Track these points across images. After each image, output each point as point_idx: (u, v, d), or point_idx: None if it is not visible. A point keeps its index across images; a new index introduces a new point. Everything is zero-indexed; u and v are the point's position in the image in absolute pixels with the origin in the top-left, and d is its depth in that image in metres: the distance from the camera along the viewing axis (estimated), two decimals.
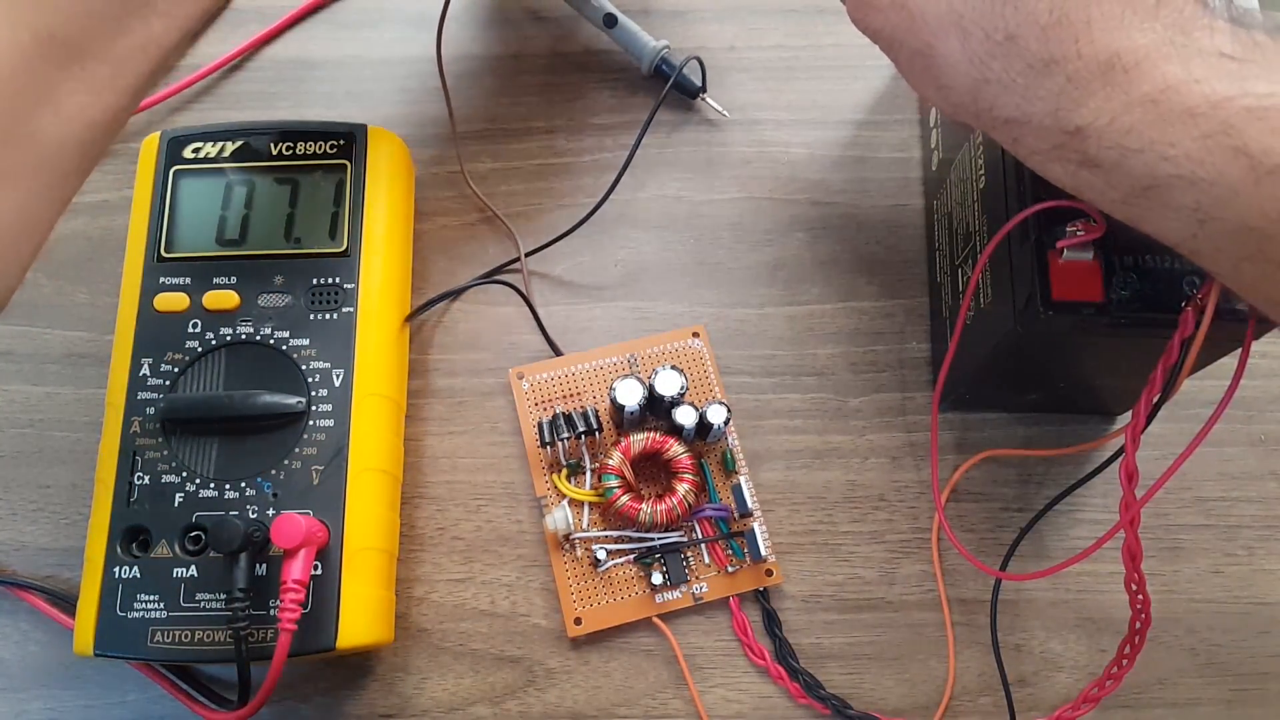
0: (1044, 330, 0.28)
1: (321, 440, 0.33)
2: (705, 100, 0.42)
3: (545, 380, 0.37)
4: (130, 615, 0.31)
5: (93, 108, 0.25)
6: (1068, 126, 0.23)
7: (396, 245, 0.37)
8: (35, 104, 0.24)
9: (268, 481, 0.33)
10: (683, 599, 0.35)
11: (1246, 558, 0.36)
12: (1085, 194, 0.24)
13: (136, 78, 0.26)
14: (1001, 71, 0.24)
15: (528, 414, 0.37)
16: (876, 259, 0.40)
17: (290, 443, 0.33)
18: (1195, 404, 0.36)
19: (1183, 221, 0.22)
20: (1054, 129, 0.23)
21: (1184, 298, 0.27)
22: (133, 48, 0.26)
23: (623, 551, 0.35)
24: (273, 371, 0.34)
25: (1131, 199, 0.22)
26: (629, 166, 0.39)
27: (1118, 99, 0.22)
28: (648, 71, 0.42)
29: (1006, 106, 0.24)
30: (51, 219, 0.26)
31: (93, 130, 0.25)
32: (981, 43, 0.24)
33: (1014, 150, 0.25)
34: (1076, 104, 0.22)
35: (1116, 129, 0.22)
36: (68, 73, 0.24)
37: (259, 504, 0.32)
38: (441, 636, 0.35)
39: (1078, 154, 0.23)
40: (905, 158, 0.42)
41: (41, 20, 0.24)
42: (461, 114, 0.43)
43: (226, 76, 0.44)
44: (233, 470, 0.33)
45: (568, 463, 0.36)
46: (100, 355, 0.37)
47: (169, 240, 0.36)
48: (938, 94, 0.27)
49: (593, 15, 0.43)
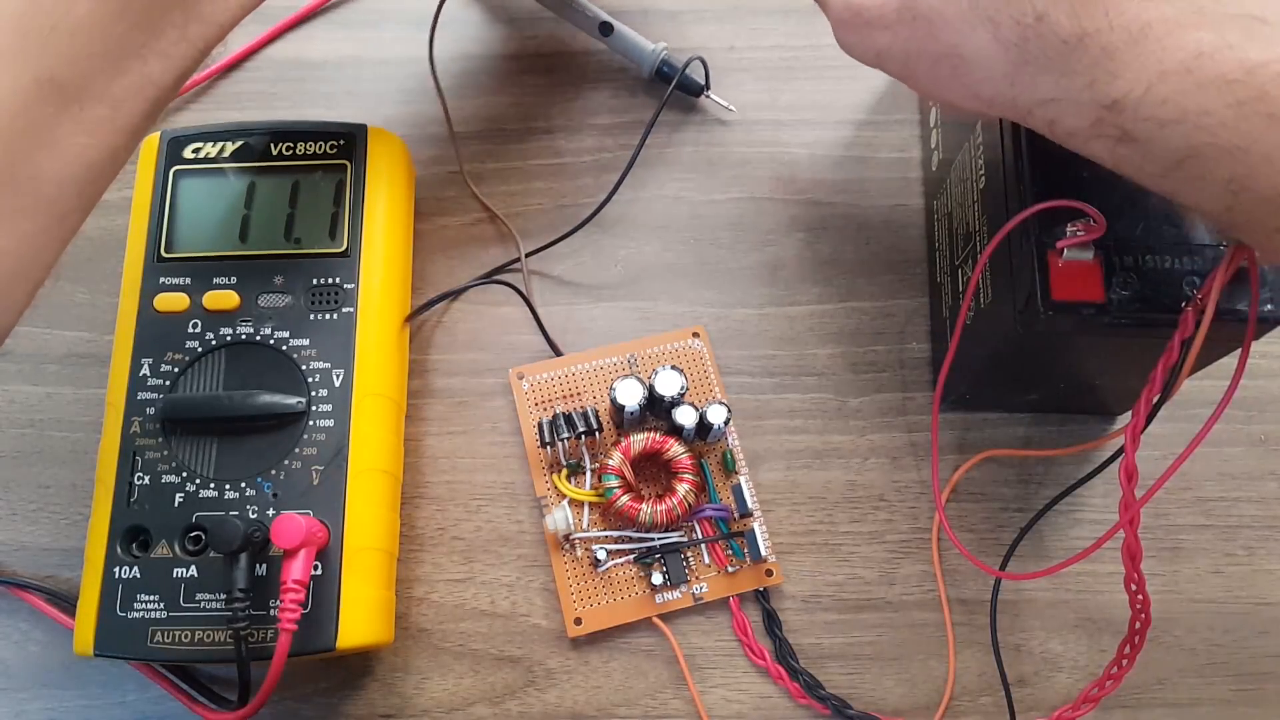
0: (1044, 330, 0.28)
1: (321, 440, 0.33)
2: (710, 98, 0.42)
3: (545, 380, 0.37)
4: (130, 615, 0.31)
5: (91, 149, 0.25)
6: (1104, 100, 0.22)
7: (396, 245, 0.37)
8: (35, 146, 0.24)
9: (268, 481, 0.33)
10: (683, 599, 0.35)
11: (1246, 558, 0.36)
12: (1126, 170, 0.24)
13: (134, 118, 0.26)
14: (1038, 52, 0.23)
15: (528, 414, 0.37)
16: (876, 259, 0.40)
17: (290, 443, 0.33)
18: (1195, 404, 0.36)
19: (1219, 192, 0.22)
20: (1091, 104, 0.23)
21: (1184, 298, 0.27)
22: (130, 89, 0.26)
23: (623, 551, 0.35)
24: (273, 371, 0.34)
25: (1169, 172, 0.22)
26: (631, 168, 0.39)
27: (1152, 68, 0.21)
28: (649, 75, 0.42)
29: (1045, 86, 0.24)
30: (50, 260, 0.26)
31: (91, 171, 0.26)
32: (1013, 29, 0.24)
33: (1052, 133, 0.25)
34: (1112, 75, 0.22)
35: (1152, 99, 0.21)
36: (67, 114, 0.24)
37: (259, 504, 0.32)
38: (441, 637, 0.35)
39: (1115, 129, 0.23)
40: (905, 158, 0.42)
41: (43, 64, 0.24)
42: (461, 114, 0.43)
43: (226, 76, 0.44)
44: (233, 470, 0.33)
45: (568, 463, 0.36)
46: (100, 355, 0.37)
47: (169, 240, 0.36)
48: (968, 92, 0.26)
49: (588, 25, 0.43)
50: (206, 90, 0.43)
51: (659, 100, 0.42)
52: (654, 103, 0.42)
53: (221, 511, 0.32)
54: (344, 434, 0.33)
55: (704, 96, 0.42)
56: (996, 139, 0.31)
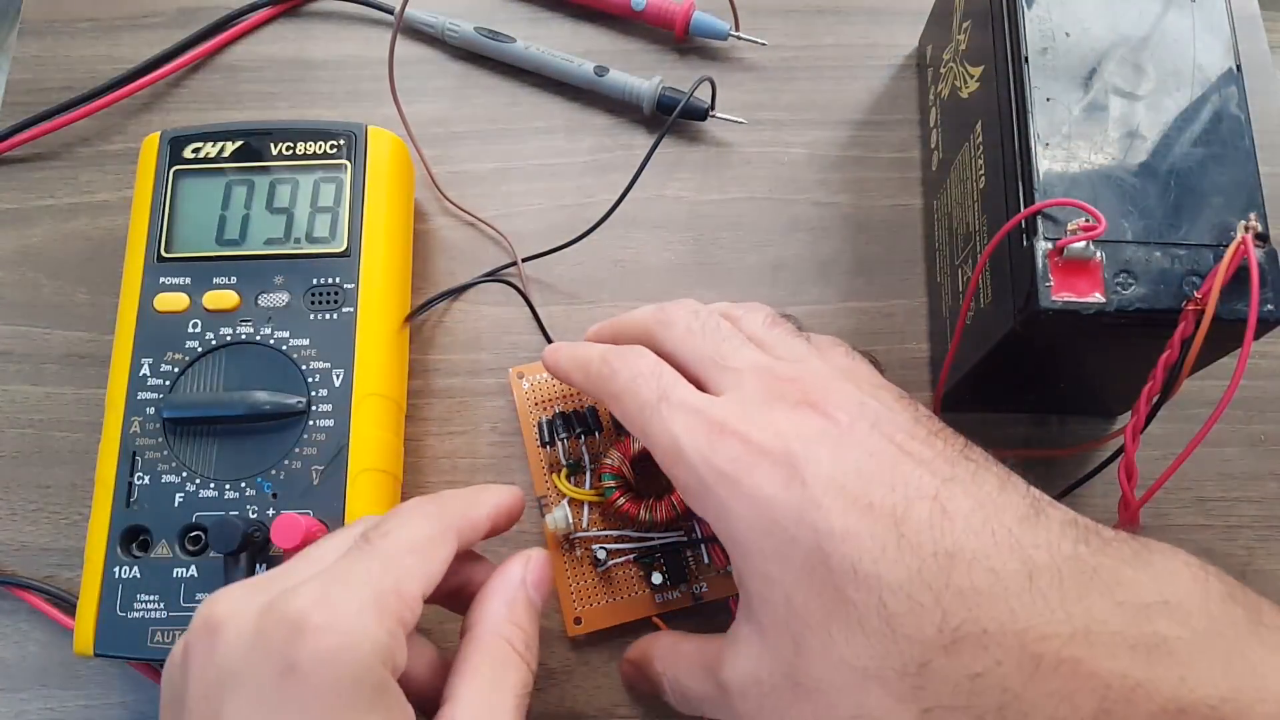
0: (1044, 330, 0.28)
1: (321, 440, 0.33)
2: (716, 116, 0.42)
3: (545, 380, 0.37)
4: (130, 615, 0.31)
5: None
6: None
7: (396, 245, 0.37)
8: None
9: (268, 481, 0.33)
10: (682, 599, 0.35)
11: (1246, 558, 0.36)
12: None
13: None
14: (936, 700, 0.22)
15: (528, 414, 0.37)
16: (876, 259, 0.40)
17: (290, 443, 0.33)
18: (1194, 404, 0.36)
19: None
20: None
21: (1184, 298, 0.27)
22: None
23: (622, 551, 0.35)
24: (273, 371, 0.34)
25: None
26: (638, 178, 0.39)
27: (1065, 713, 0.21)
28: (649, 111, 0.42)
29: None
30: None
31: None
32: (899, 682, 0.22)
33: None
34: (1023, 716, 0.21)
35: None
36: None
37: (259, 504, 0.32)
38: (442, 637, 0.35)
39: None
40: (905, 158, 0.42)
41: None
42: (461, 114, 0.43)
43: (227, 76, 0.44)
44: (233, 470, 0.33)
45: (568, 462, 0.36)
46: (100, 355, 0.37)
47: (169, 240, 0.36)
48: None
49: (581, 73, 0.42)
50: (207, 90, 0.43)
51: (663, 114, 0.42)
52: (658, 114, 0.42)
53: (221, 511, 0.32)
54: (344, 434, 0.33)
55: (711, 117, 0.42)
56: (996, 139, 0.32)
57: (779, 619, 0.24)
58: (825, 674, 0.23)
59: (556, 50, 0.43)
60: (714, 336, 0.29)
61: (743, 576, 0.26)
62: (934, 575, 0.22)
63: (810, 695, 0.24)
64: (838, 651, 0.23)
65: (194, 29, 0.43)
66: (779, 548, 0.24)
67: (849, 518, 0.23)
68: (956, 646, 0.21)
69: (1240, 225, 0.27)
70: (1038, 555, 0.22)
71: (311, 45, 0.44)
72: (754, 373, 0.28)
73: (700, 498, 0.26)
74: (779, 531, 0.24)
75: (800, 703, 0.24)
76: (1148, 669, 0.20)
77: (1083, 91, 0.30)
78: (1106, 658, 0.20)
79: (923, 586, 0.22)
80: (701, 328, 0.30)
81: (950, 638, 0.22)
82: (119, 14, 0.45)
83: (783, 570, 0.24)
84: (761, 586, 0.25)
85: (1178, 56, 0.31)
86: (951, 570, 0.22)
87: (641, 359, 0.29)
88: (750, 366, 0.28)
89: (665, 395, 0.28)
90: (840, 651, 0.23)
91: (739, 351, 0.29)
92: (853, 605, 0.23)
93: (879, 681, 0.22)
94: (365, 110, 0.43)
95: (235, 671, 0.22)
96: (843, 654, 0.23)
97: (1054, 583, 0.22)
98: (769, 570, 0.25)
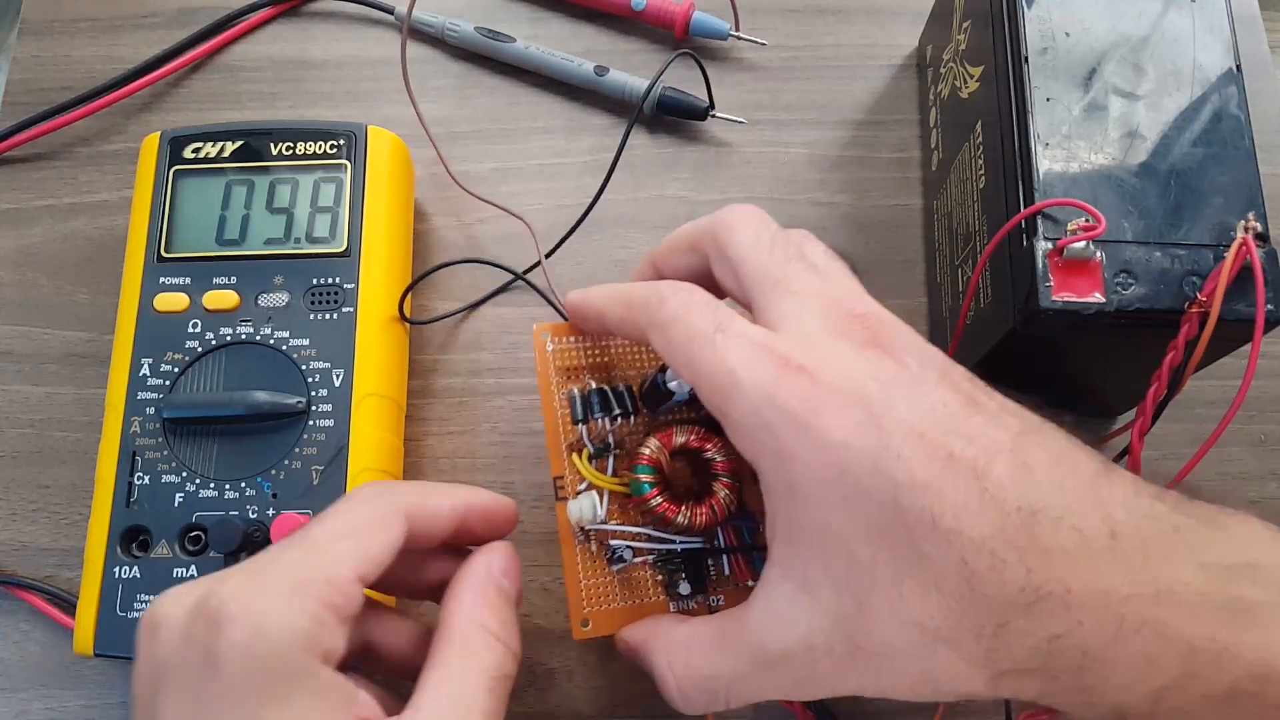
0: (1044, 330, 0.28)
1: (321, 440, 0.33)
2: (717, 116, 0.42)
3: (574, 344, 0.32)
4: (130, 615, 0.31)
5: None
6: (1105, 707, 0.22)
7: (397, 245, 0.37)
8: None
9: (268, 481, 0.33)
10: (699, 609, 0.31)
11: None
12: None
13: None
14: (1010, 664, 0.22)
15: (550, 382, 0.31)
16: (876, 259, 0.40)
17: (290, 443, 0.33)
18: (1194, 404, 0.36)
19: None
20: (1085, 705, 0.22)
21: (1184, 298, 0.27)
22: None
23: (644, 551, 0.30)
24: (273, 371, 0.34)
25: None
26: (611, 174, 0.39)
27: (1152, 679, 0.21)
28: (650, 112, 0.42)
29: (1030, 688, 0.22)
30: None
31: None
32: (974, 644, 0.22)
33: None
34: (1103, 679, 0.21)
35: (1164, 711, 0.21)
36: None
37: (259, 504, 0.32)
38: None
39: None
40: (905, 158, 0.42)
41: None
42: (461, 114, 0.43)
43: (227, 76, 0.44)
44: (233, 470, 0.33)
45: (593, 445, 0.31)
46: (100, 355, 0.37)
47: (169, 240, 0.36)
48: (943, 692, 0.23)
49: (581, 73, 0.42)
50: (207, 90, 0.43)
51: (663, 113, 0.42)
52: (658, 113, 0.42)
53: (221, 511, 0.32)
54: (344, 434, 0.33)
55: (711, 117, 0.42)
56: (996, 139, 0.32)
57: (837, 576, 0.23)
58: (891, 636, 0.22)
59: (556, 50, 0.43)
60: (782, 253, 0.26)
61: (791, 529, 0.24)
62: (1017, 532, 0.21)
63: (871, 659, 0.22)
64: (908, 611, 0.22)
65: (194, 29, 0.43)
66: (847, 497, 0.22)
67: (930, 469, 0.22)
68: (1038, 606, 0.21)
69: (1240, 225, 0.27)
70: (1117, 512, 0.21)
71: (311, 45, 0.44)
72: (819, 303, 0.25)
73: (753, 438, 0.24)
74: (848, 481, 0.22)
75: (859, 668, 0.23)
76: (1233, 633, 0.20)
77: (1083, 91, 0.30)
78: (1191, 620, 0.20)
79: (1006, 544, 0.21)
80: (771, 240, 0.27)
81: (1033, 597, 0.21)
82: (119, 14, 0.45)
83: (848, 522, 0.22)
84: (818, 538, 0.23)
85: (1178, 56, 0.31)
86: (1034, 527, 0.21)
87: (695, 291, 0.27)
88: (816, 296, 0.25)
89: (722, 326, 0.25)
90: (911, 611, 0.22)
91: (803, 276, 0.26)
92: (929, 562, 0.21)
93: (951, 644, 0.21)
94: (365, 110, 0.43)
95: (169, 668, 0.23)
96: (914, 614, 0.22)
97: (1136, 542, 0.21)
98: (831, 521, 0.23)
